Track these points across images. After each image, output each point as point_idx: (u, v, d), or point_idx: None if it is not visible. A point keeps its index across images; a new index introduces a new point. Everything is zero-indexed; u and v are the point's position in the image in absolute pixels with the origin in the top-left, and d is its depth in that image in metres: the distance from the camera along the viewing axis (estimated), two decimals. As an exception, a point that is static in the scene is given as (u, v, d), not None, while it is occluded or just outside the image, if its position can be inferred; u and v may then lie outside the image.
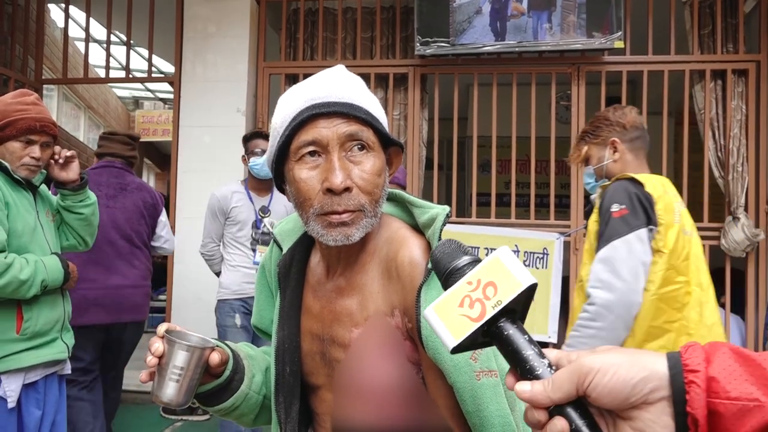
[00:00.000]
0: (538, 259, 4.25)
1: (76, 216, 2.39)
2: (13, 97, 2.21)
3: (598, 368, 0.57)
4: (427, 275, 0.90)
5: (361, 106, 0.96)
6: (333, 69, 1.02)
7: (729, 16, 4.30)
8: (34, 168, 2.20)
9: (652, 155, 4.35)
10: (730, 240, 4.10)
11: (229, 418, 1.10)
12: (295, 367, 1.04)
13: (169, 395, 0.94)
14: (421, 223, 0.98)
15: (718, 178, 4.27)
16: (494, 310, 0.63)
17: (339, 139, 0.93)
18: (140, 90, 10.56)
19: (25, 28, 4.97)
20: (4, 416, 2.09)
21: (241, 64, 4.60)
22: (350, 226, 0.94)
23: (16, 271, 2.02)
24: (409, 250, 0.95)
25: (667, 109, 4.34)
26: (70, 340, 2.35)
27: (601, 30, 4.14)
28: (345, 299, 1.01)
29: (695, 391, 0.54)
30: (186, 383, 0.95)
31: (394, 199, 1.07)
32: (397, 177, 3.16)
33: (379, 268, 0.99)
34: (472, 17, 4.23)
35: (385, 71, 4.57)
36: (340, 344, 1.00)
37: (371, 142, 0.96)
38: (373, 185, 0.95)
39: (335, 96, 0.94)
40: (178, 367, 0.94)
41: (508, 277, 0.65)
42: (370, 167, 0.94)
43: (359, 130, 0.94)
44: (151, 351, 0.94)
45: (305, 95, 0.96)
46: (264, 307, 1.17)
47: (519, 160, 4.72)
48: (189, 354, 0.94)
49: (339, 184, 0.91)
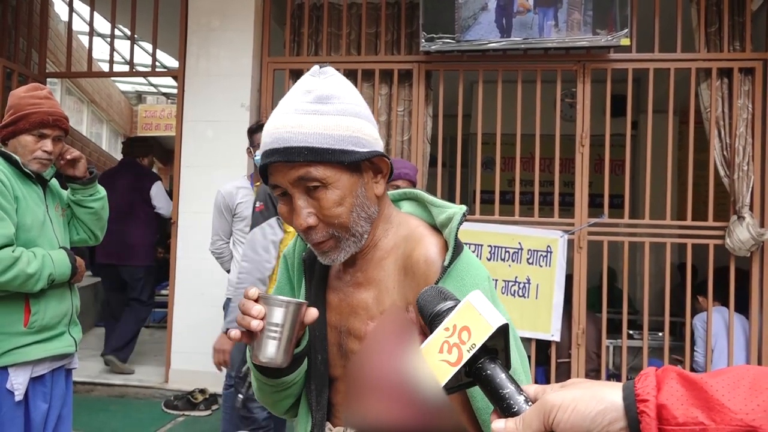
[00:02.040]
0: (542, 257, 4.24)
1: (87, 210, 2.40)
2: (26, 91, 2.22)
3: (559, 404, 0.60)
4: (443, 273, 0.93)
5: (302, 147, 0.94)
6: (297, 85, 1.02)
7: (736, 14, 4.27)
8: (45, 162, 2.20)
9: (656, 154, 4.36)
10: (734, 239, 4.09)
11: (273, 399, 1.11)
12: (325, 355, 1.07)
13: (269, 354, 0.95)
14: (438, 222, 1.02)
15: (723, 177, 4.25)
16: (469, 354, 0.69)
17: (291, 183, 0.97)
18: (143, 84, 10.55)
19: (29, 22, 4.96)
20: (12, 409, 2.10)
21: (245, 59, 4.59)
22: (330, 253, 1.01)
23: (24, 265, 2.03)
24: (425, 248, 0.98)
25: (673, 108, 4.32)
26: (78, 334, 2.35)
27: (606, 27, 4.12)
28: (362, 293, 1.05)
29: (646, 420, 0.57)
30: (285, 341, 0.95)
31: (414, 198, 1.11)
32: (408, 173, 3.14)
33: (396, 265, 1.02)
34: (478, 13, 4.21)
35: (389, 67, 4.55)
36: (356, 336, 1.04)
37: (323, 176, 0.96)
38: (333, 217, 0.97)
39: (279, 141, 0.96)
40: (277, 324, 0.95)
41: (480, 321, 0.70)
42: (326, 203, 0.97)
43: (306, 172, 0.95)
44: (253, 314, 0.94)
45: (263, 136, 1.01)
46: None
47: (523, 158, 4.71)
48: (285, 310, 0.95)
49: (300, 227, 0.98)
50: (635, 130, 6.23)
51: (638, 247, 5.24)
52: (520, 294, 4.24)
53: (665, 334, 4.30)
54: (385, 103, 4.60)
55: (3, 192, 2.05)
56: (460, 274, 0.94)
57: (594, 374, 4.35)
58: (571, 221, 4.37)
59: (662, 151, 4.42)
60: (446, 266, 0.93)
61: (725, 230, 4.17)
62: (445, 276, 0.93)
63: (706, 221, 4.29)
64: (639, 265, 5.83)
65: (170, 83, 9.59)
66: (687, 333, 4.32)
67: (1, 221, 2.03)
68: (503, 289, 4.25)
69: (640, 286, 5.82)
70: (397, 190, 1.15)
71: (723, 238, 4.17)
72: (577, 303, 4.30)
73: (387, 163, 1.04)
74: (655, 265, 5.35)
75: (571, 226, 4.33)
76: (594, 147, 4.53)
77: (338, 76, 1.02)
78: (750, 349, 4.22)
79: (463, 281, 0.94)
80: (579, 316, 4.29)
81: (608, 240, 4.37)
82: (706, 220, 4.30)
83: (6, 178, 2.08)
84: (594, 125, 4.42)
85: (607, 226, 4.44)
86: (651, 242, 4.36)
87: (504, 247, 4.27)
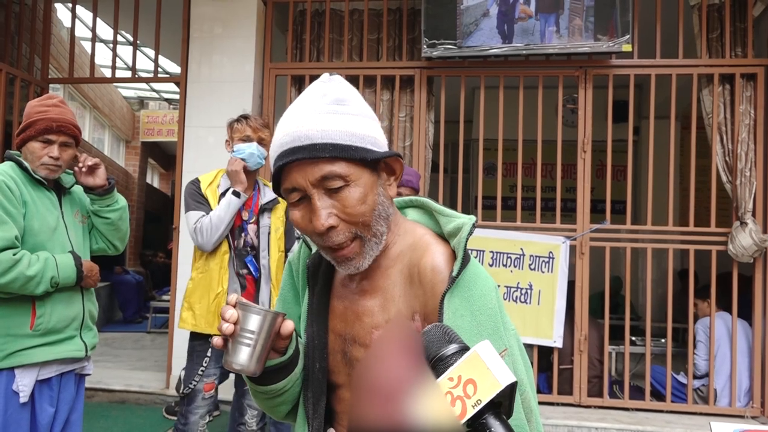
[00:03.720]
0: (544, 263, 4.23)
1: (104, 220, 2.42)
2: (38, 100, 2.28)
3: None
4: (451, 283, 0.93)
5: (327, 143, 0.95)
6: (307, 92, 1.02)
7: (737, 20, 4.27)
8: (53, 167, 2.23)
9: (658, 160, 4.36)
10: (737, 245, 4.07)
11: (268, 404, 1.10)
12: (324, 364, 1.07)
13: (241, 361, 0.95)
14: (446, 232, 1.01)
15: (725, 183, 4.24)
16: (474, 410, 0.66)
17: (312, 183, 0.96)
18: (145, 90, 10.58)
19: (32, 28, 4.98)
20: (17, 411, 2.11)
21: (248, 65, 4.60)
22: (354, 259, 0.98)
23: (24, 268, 2.05)
24: (431, 257, 0.98)
25: (675, 113, 4.32)
26: (91, 339, 2.36)
27: (608, 33, 4.12)
28: (368, 301, 1.04)
29: None
30: (258, 349, 0.96)
31: (421, 207, 1.10)
32: (411, 181, 3.10)
33: (402, 274, 1.02)
34: (480, 19, 4.22)
35: (391, 73, 4.56)
36: (360, 344, 1.03)
37: (346, 174, 0.96)
38: (357, 216, 0.96)
39: (300, 138, 0.95)
40: (251, 331, 0.95)
41: (487, 376, 0.67)
42: (349, 201, 0.96)
43: (329, 170, 0.95)
44: (226, 317, 0.94)
45: (278, 139, 0.99)
46: (290, 305, 1.19)
47: (525, 164, 4.71)
48: (261, 318, 0.95)
49: (321, 228, 0.95)
50: (637, 136, 6.24)
51: (640, 253, 5.23)
52: (522, 300, 4.23)
53: (668, 340, 4.29)
54: (386, 109, 4.61)
55: (8, 196, 2.09)
56: (468, 284, 0.94)
57: (596, 381, 4.34)
58: (573, 227, 4.36)
59: (664, 156, 4.41)
60: (454, 276, 0.93)
61: (728, 236, 4.16)
62: (453, 286, 0.92)
63: (709, 227, 4.28)
64: (641, 271, 5.82)
65: (173, 89, 9.61)
66: (690, 339, 4.30)
67: (4, 224, 2.06)
68: (505, 295, 4.24)
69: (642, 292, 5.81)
70: (400, 197, 1.14)
71: (725, 244, 4.16)
72: (579, 309, 4.28)
73: (401, 165, 1.04)
74: (657, 271, 5.35)
75: (573, 232, 4.32)
76: (596, 153, 4.53)
77: (348, 84, 1.03)
78: (753, 355, 4.20)
79: (470, 291, 0.93)
80: (581, 323, 4.27)
81: (610, 246, 4.36)
82: (709, 226, 4.29)
83: (14, 183, 2.12)
84: (596, 131, 4.42)
85: (610, 232, 4.43)
86: (653, 248, 4.35)
87: (506, 252, 4.26)
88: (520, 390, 0.92)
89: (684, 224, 4.86)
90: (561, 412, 4.15)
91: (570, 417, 4.04)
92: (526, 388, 0.94)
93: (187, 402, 2.69)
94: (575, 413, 4.13)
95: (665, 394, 4.25)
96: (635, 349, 4.71)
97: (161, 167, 13.41)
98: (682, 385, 4.34)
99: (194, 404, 2.67)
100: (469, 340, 0.90)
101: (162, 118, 10.82)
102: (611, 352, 4.53)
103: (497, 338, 0.92)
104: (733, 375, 4.18)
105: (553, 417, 4.02)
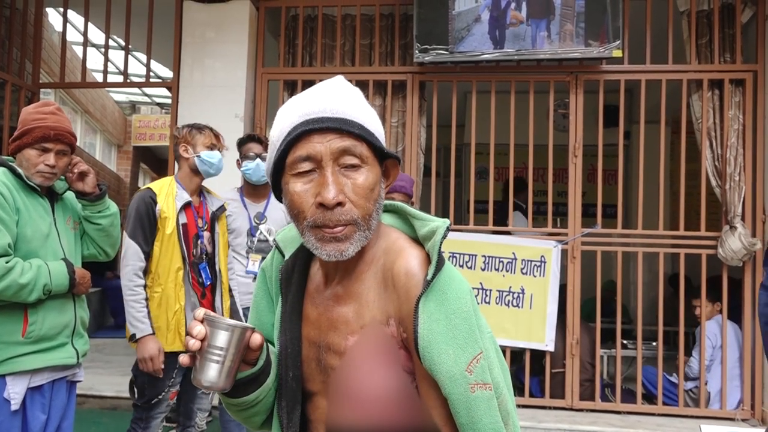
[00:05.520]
0: (536, 267, 4.24)
1: (95, 226, 2.42)
2: (34, 107, 2.28)
3: None
4: (426, 287, 0.91)
5: (355, 121, 0.97)
6: (331, 81, 1.03)
7: (726, 27, 4.32)
8: (48, 175, 2.22)
9: (648, 164, 4.40)
10: (727, 249, 4.11)
11: (242, 416, 1.09)
12: (298, 372, 1.05)
13: (210, 378, 0.93)
14: (421, 236, 0.99)
15: (715, 188, 4.28)
16: None
17: (332, 154, 0.95)
18: (137, 95, 10.55)
19: (22, 32, 4.96)
20: (8, 418, 2.10)
21: (240, 70, 4.60)
22: (343, 242, 0.96)
23: (17, 275, 2.05)
24: (405, 261, 0.96)
25: (665, 119, 4.36)
26: (83, 346, 2.35)
27: (599, 39, 4.16)
28: (342, 307, 1.02)
29: None
30: (227, 365, 0.94)
31: (395, 211, 1.08)
32: (404, 186, 3.12)
33: (376, 278, 1.00)
34: (471, 25, 4.25)
35: (383, 78, 4.58)
36: (335, 351, 1.01)
37: (365, 156, 0.97)
38: (365, 199, 0.96)
39: (329, 111, 0.96)
40: (219, 348, 0.93)
41: None
42: (362, 182, 0.96)
43: (353, 145, 0.95)
44: (193, 334, 0.92)
45: (301, 109, 0.98)
46: (264, 313, 1.17)
47: (516, 168, 4.73)
48: (230, 334, 0.93)
49: (331, 199, 0.93)
50: (627, 141, 6.28)
51: (631, 257, 5.26)
52: (514, 304, 4.24)
53: (659, 343, 4.31)
54: (379, 114, 4.60)
55: (2, 204, 2.08)
56: (443, 287, 0.92)
57: (588, 384, 4.35)
58: (564, 231, 4.39)
59: (654, 161, 4.45)
60: (429, 280, 0.92)
61: (717, 240, 4.20)
62: (428, 290, 0.91)
63: (699, 231, 4.32)
64: (632, 275, 5.85)
65: (165, 93, 9.59)
66: (680, 342, 4.33)
67: None
68: (497, 299, 4.25)
69: (633, 295, 5.84)
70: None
71: (715, 248, 4.19)
72: (571, 313, 4.31)
73: (397, 171, 1.05)
74: (648, 274, 5.38)
75: (565, 236, 4.34)
76: (587, 157, 4.56)
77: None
78: (743, 357, 4.23)
79: (445, 295, 0.92)
80: (573, 326, 4.29)
81: (602, 250, 4.39)
82: (699, 230, 4.32)
83: (7, 190, 2.11)
84: (587, 135, 4.45)
85: (601, 236, 4.46)
86: (644, 252, 4.38)
87: (498, 257, 4.27)
88: (497, 393, 0.92)
89: (674, 228, 4.89)
90: (553, 415, 4.16)
91: (562, 420, 4.05)
92: (503, 391, 0.93)
93: (149, 408, 2.73)
94: (567, 416, 4.14)
95: (657, 394, 4.27)
96: (627, 352, 4.74)
97: (153, 172, 13.35)
98: (673, 385, 4.36)
99: (158, 410, 2.74)
100: (445, 343, 0.90)
101: (154, 122, 10.79)
102: (603, 356, 4.55)
103: (472, 341, 0.91)
104: (723, 378, 4.20)
105: (545, 421, 4.03)
